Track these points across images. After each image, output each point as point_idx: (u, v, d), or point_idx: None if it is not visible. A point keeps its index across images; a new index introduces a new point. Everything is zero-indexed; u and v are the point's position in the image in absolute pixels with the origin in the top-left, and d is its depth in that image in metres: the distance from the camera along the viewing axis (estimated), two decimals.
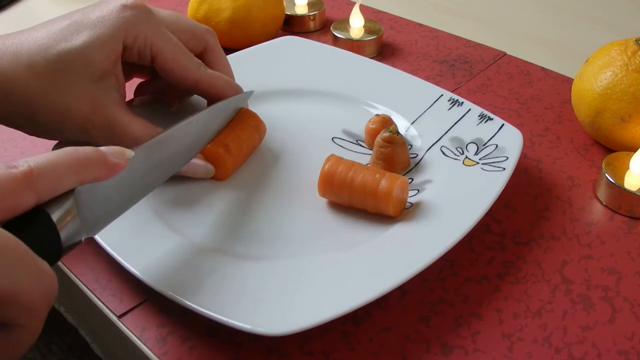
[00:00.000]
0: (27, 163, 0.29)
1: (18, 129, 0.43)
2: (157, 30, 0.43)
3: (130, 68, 0.46)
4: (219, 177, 0.46)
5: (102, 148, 0.33)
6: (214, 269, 0.38)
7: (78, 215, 0.32)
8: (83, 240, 0.33)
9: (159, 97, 0.51)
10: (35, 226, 0.30)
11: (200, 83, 0.45)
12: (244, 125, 0.47)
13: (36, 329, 0.28)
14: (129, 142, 0.42)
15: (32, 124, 0.42)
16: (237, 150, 0.46)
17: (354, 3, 0.64)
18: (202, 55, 0.47)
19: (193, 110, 0.50)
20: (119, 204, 0.37)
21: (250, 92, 0.50)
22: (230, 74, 0.49)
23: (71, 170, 0.31)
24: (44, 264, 0.28)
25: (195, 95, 0.51)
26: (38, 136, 0.43)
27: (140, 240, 0.40)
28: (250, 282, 0.37)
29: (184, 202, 0.44)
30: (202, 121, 0.45)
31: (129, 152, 0.35)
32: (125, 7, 0.41)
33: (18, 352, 0.28)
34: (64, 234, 0.31)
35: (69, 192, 0.31)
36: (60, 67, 0.40)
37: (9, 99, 0.40)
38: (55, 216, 0.30)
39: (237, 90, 0.47)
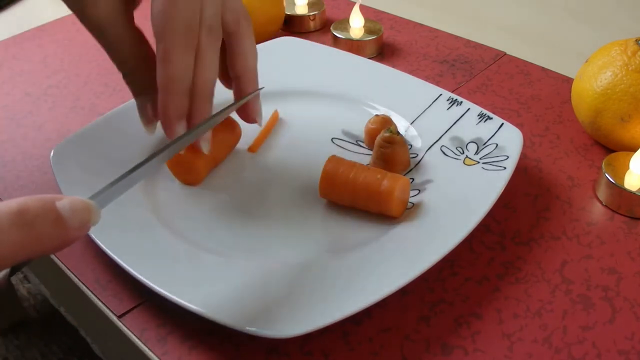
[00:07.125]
0: None
1: None
2: None
3: None
4: (190, 180, 0.45)
5: (65, 208, 0.27)
6: (215, 270, 0.38)
7: None
8: None
9: None
10: None
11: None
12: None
13: None
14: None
15: None
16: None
17: (354, 3, 0.64)
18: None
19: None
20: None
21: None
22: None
23: (21, 251, 0.26)
24: None
25: None
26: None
27: (140, 241, 0.40)
28: (252, 283, 0.37)
29: (184, 204, 0.44)
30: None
31: (95, 217, 0.28)
32: None
33: None
34: None
35: None
36: None
37: None
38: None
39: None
